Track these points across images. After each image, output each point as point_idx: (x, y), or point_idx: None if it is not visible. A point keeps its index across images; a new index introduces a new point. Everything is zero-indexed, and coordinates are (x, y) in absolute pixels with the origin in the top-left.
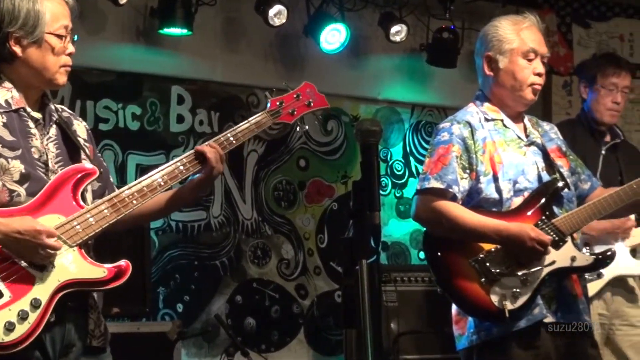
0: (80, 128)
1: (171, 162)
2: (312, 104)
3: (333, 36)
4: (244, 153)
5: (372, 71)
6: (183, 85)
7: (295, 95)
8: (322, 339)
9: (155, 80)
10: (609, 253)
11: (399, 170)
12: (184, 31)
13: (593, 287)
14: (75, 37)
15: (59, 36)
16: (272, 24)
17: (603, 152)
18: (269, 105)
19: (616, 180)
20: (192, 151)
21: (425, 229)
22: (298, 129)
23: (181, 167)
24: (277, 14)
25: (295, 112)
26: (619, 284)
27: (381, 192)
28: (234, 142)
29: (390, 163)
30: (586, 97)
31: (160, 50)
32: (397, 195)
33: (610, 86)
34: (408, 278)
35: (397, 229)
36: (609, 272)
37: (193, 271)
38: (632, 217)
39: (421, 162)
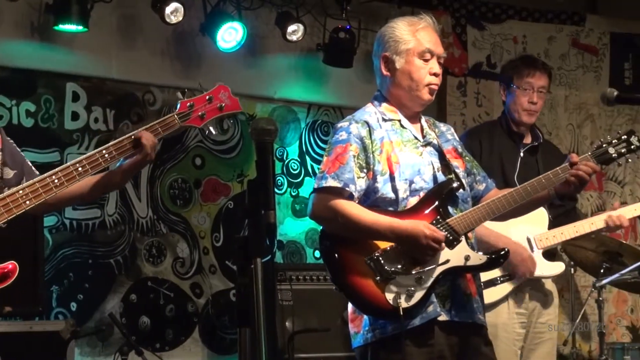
0: None
1: (94, 151)
2: (223, 108)
3: (230, 35)
4: None
5: (269, 70)
6: (78, 82)
7: (207, 98)
8: (217, 338)
9: (50, 77)
10: (502, 253)
11: (294, 169)
12: (80, 28)
13: (505, 288)
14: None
15: None
16: (169, 22)
17: (522, 153)
18: (178, 106)
19: None
20: (121, 138)
21: (321, 227)
22: (207, 132)
23: (105, 154)
24: (174, 12)
25: (205, 116)
26: (537, 286)
27: (277, 191)
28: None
29: (286, 162)
30: (505, 99)
31: (55, 47)
32: (293, 194)
33: (525, 86)
34: (303, 277)
35: (293, 227)
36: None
37: (87, 270)
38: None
39: (317, 162)
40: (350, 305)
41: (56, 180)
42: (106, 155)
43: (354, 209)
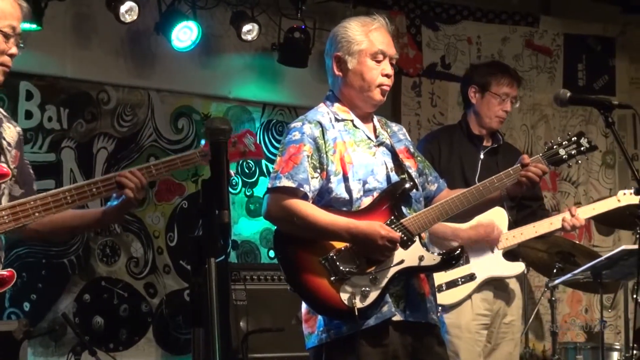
0: (10, 131)
1: (85, 182)
2: (246, 153)
3: (184, 34)
4: (94, 150)
5: (224, 70)
6: (32, 81)
7: (232, 142)
8: (171, 338)
9: None
10: (455, 253)
11: (249, 169)
12: (33, 26)
13: (466, 289)
14: (21, 44)
15: (5, 35)
16: (123, 21)
17: (482, 156)
18: (202, 143)
19: None
20: (111, 175)
21: (276, 227)
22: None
23: (94, 190)
24: (128, 11)
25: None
26: (501, 286)
27: (231, 190)
28: (155, 173)
29: (240, 162)
30: (475, 102)
31: None
32: (248, 194)
33: (503, 95)
34: (258, 277)
35: (247, 227)
36: (481, 274)
37: (40, 269)
38: (498, 225)
39: (272, 161)
40: (304, 306)
41: (68, 197)
42: (94, 190)
43: (309, 209)
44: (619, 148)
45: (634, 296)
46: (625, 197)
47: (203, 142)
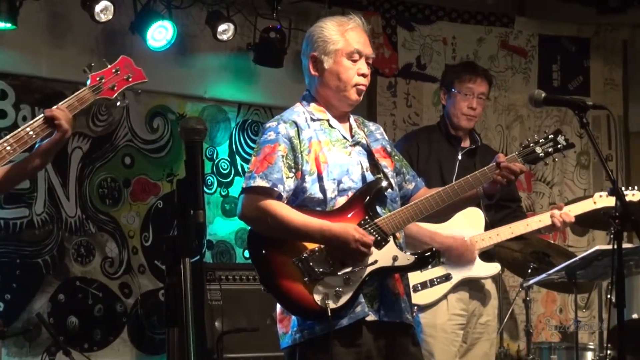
0: None
1: (19, 129)
2: (130, 79)
3: (160, 33)
4: (69, 150)
5: (199, 69)
6: (6, 80)
7: (114, 70)
8: (146, 338)
9: None
10: (428, 253)
11: (224, 169)
12: (8, 25)
13: (442, 289)
14: None
15: None
16: (99, 20)
17: (460, 156)
18: (89, 81)
19: None
20: (40, 116)
21: (250, 227)
22: (119, 103)
23: (31, 132)
24: (104, 10)
25: (116, 87)
26: (477, 287)
27: (207, 190)
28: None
29: (216, 161)
30: (445, 103)
31: None
32: (223, 193)
33: (466, 91)
34: (233, 277)
35: (223, 227)
36: (456, 275)
37: (15, 269)
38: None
39: (247, 161)
40: (278, 306)
41: (9, 148)
42: (30, 133)
43: (283, 210)
44: (594, 148)
45: (608, 296)
46: (602, 200)
47: (89, 80)
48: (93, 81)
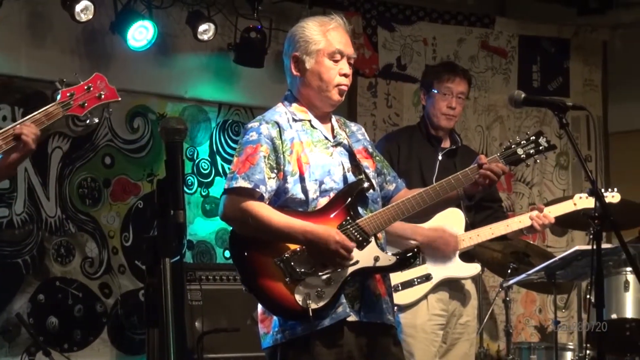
0: None
1: None
2: (102, 97)
3: (140, 33)
4: (49, 150)
5: (180, 69)
6: None
7: (86, 87)
8: (126, 338)
9: None
10: (410, 254)
11: (205, 169)
12: None
13: (422, 289)
14: None
15: None
16: (79, 20)
17: (440, 157)
18: (59, 97)
19: None
20: (8, 128)
21: (231, 228)
22: (88, 122)
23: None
24: (84, 10)
25: (86, 105)
26: (457, 287)
27: (187, 190)
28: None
29: (196, 162)
30: (425, 103)
31: None
32: (203, 194)
33: (445, 90)
34: (213, 277)
35: (203, 227)
36: (437, 275)
37: None
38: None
39: (228, 161)
40: (259, 306)
41: None
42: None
43: (265, 211)
44: (573, 149)
45: (587, 296)
46: (582, 201)
47: (59, 95)
48: (63, 97)
